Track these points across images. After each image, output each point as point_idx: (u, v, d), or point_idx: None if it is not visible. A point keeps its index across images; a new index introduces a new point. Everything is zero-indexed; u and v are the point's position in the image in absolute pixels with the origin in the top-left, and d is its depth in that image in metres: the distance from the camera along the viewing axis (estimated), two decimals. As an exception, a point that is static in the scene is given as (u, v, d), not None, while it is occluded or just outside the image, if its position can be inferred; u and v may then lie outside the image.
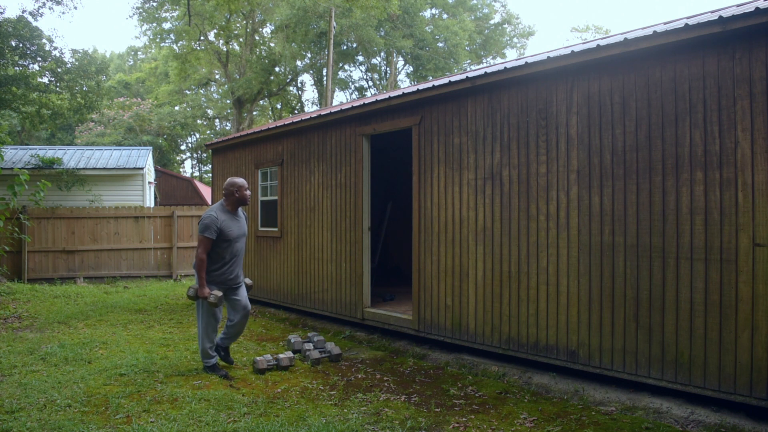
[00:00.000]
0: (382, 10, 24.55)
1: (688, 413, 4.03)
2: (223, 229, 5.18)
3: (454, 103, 5.87)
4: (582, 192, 4.78)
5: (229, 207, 5.34)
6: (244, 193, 5.35)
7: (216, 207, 5.32)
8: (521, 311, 5.19)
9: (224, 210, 5.31)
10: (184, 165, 45.86)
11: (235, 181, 5.33)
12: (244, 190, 5.36)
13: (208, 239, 5.15)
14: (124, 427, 4.01)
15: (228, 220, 5.26)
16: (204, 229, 5.16)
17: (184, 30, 27.59)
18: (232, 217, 5.33)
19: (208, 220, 5.18)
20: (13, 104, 14.98)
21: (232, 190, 5.33)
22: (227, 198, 5.35)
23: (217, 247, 5.21)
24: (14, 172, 10.79)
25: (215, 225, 5.15)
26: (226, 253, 5.25)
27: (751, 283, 3.83)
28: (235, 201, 5.35)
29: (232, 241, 5.26)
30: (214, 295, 5.10)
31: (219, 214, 5.24)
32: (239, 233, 5.35)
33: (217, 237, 5.17)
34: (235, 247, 5.31)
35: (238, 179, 5.36)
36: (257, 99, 33.02)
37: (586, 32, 39.38)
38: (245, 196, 5.36)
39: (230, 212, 5.33)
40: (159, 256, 13.96)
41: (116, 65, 49.02)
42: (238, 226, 5.35)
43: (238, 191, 5.32)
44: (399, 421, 4.12)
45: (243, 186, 5.37)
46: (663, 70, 4.29)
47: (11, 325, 7.97)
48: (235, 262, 5.37)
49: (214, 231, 5.15)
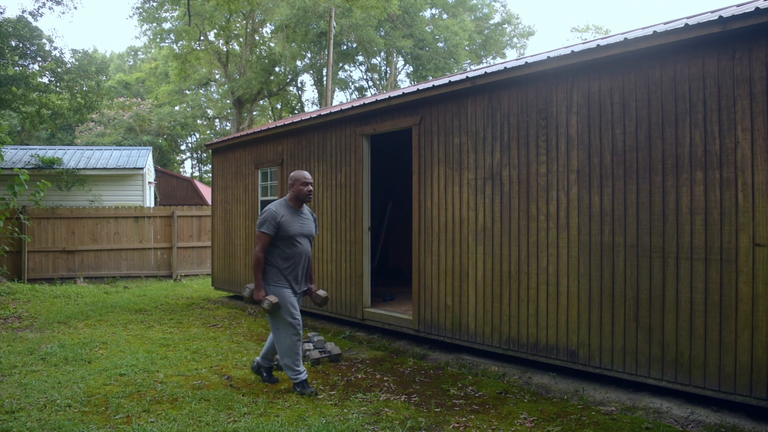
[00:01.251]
0: (382, 10, 24.55)
1: (688, 413, 4.03)
2: (283, 224, 4.71)
3: (454, 103, 5.87)
4: (582, 192, 4.78)
5: (291, 202, 4.87)
6: (300, 187, 4.84)
7: (278, 201, 4.90)
8: (521, 311, 5.19)
9: (287, 205, 4.85)
10: (184, 165, 45.88)
11: (294, 174, 4.89)
12: (300, 184, 4.84)
13: (265, 235, 4.70)
14: (124, 427, 4.01)
15: (289, 216, 4.78)
16: (261, 223, 4.74)
17: (184, 30, 27.59)
18: (295, 213, 4.85)
19: (266, 213, 4.75)
20: (13, 104, 14.99)
21: (290, 183, 4.89)
22: (290, 192, 4.90)
23: (276, 245, 4.76)
24: (14, 172, 10.80)
25: (274, 219, 4.70)
26: (286, 253, 4.77)
27: (751, 283, 3.83)
28: (294, 195, 4.87)
29: (293, 239, 4.76)
30: (268, 300, 4.63)
31: (279, 208, 4.79)
32: (302, 231, 4.83)
33: (276, 233, 4.72)
34: (297, 247, 4.79)
35: (300, 172, 4.90)
36: (257, 99, 33.03)
37: (586, 32, 39.39)
38: (301, 192, 4.84)
39: (293, 208, 4.86)
40: (159, 256, 13.96)
41: (116, 65, 49.02)
42: (301, 223, 4.85)
43: (294, 185, 4.86)
44: (399, 421, 4.12)
45: (299, 179, 4.85)
46: (663, 70, 4.29)
47: (11, 325, 7.97)
48: (298, 264, 4.84)
49: (272, 226, 4.69)
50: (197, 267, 14.32)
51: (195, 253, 14.31)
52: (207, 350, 6.33)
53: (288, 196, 4.90)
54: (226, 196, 10.32)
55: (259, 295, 4.73)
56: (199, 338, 7.00)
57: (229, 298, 10.33)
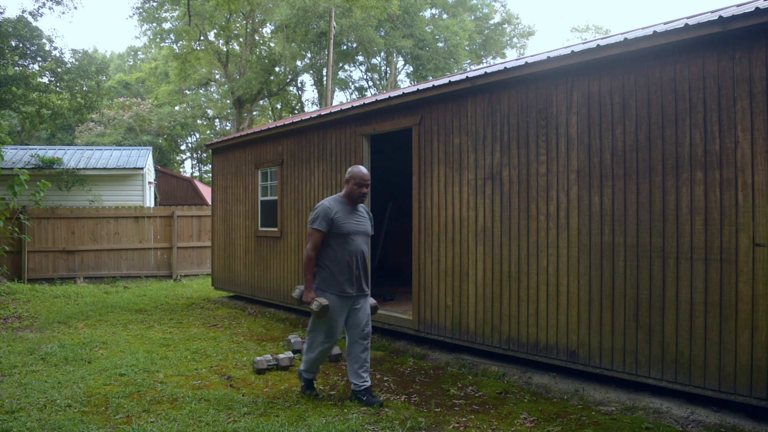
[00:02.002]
0: (382, 10, 24.55)
1: (688, 413, 4.03)
2: (336, 221, 4.42)
3: (454, 103, 5.87)
4: (582, 192, 4.78)
5: (346, 199, 4.56)
6: (354, 187, 4.50)
7: (332, 197, 4.63)
8: (521, 311, 5.19)
9: (341, 201, 4.55)
10: (184, 165, 45.88)
11: (353, 170, 4.54)
12: (355, 183, 4.49)
13: (317, 232, 4.42)
14: (124, 427, 4.01)
15: (343, 213, 4.47)
16: (313, 219, 4.45)
17: (184, 30, 27.59)
18: (350, 210, 4.53)
19: (319, 209, 4.48)
20: (13, 104, 15.00)
21: (347, 178, 4.55)
22: (345, 188, 4.58)
23: (329, 243, 4.46)
24: (14, 172, 10.80)
25: (327, 215, 4.41)
26: (340, 252, 4.45)
27: (751, 283, 3.83)
28: (348, 193, 4.55)
29: (347, 236, 4.44)
30: (317, 302, 4.32)
31: (333, 204, 4.50)
32: (357, 229, 4.51)
33: (329, 231, 4.42)
34: (352, 246, 4.46)
35: (359, 169, 4.53)
36: (257, 99, 33.03)
37: (586, 32, 39.40)
38: (354, 192, 4.51)
39: (348, 205, 4.54)
40: (159, 256, 13.96)
41: (116, 65, 49.02)
42: (356, 221, 4.53)
43: (349, 181, 4.52)
44: (399, 421, 4.12)
45: (355, 178, 4.49)
46: (663, 70, 4.29)
47: (11, 325, 7.97)
48: (354, 265, 4.49)
49: (324, 222, 4.40)
50: (197, 267, 14.32)
51: (195, 253, 14.31)
52: (207, 350, 6.33)
53: (343, 192, 4.59)
54: (226, 196, 10.32)
55: (308, 297, 4.43)
56: (199, 338, 7.01)
57: (229, 298, 10.33)
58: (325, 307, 4.31)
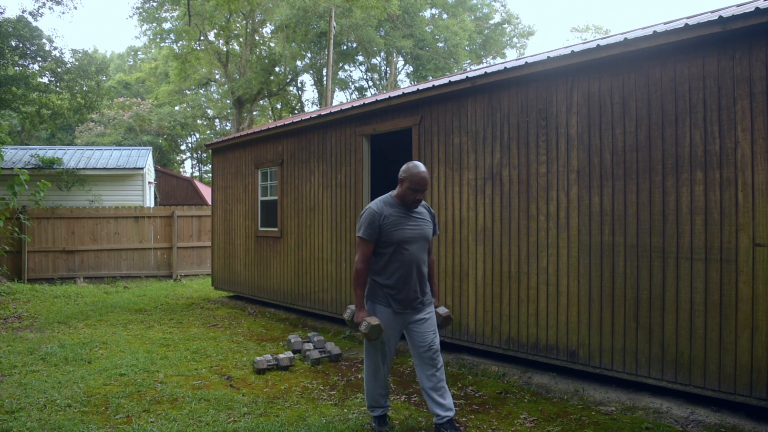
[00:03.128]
0: (382, 10, 24.56)
1: (688, 413, 4.03)
2: (386, 227, 3.69)
3: (454, 103, 5.87)
4: (582, 192, 4.78)
5: (398, 200, 3.80)
6: (406, 190, 3.72)
7: (383, 198, 3.85)
8: (521, 311, 5.19)
9: (392, 203, 3.79)
10: (184, 165, 45.88)
11: (408, 168, 3.75)
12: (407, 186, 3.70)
13: (365, 242, 3.71)
14: (124, 427, 4.01)
15: (395, 216, 3.73)
16: (359, 227, 3.77)
17: (184, 30, 27.60)
18: (404, 212, 3.77)
19: (366, 213, 3.75)
20: (13, 104, 15.00)
21: (401, 178, 3.76)
22: (399, 188, 3.81)
23: (378, 252, 3.76)
24: (14, 172, 10.80)
25: (375, 221, 3.69)
26: (391, 264, 3.72)
27: (751, 283, 3.83)
28: (401, 194, 3.77)
29: (399, 245, 3.69)
30: (366, 322, 3.61)
31: (382, 207, 3.76)
32: (412, 236, 3.74)
33: (378, 239, 3.72)
34: (405, 256, 3.70)
35: (416, 169, 3.71)
36: (257, 99, 33.03)
37: (586, 32, 39.39)
38: (407, 197, 3.73)
39: (401, 206, 3.78)
40: (159, 256, 13.96)
41: (116, 65, 49.02)
42: (411, 225, 3.75)
43: (403, 182, 3.73)
44: (399, 421, 4.12)
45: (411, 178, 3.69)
46: (663, 70, 4.29)
47: (11, 325, 7.97)
48: (410, 275, 3.74)
49: (371, 230, 3.69)
50: (197, 267, 14.32)
51: (195, 253, 14.31)
52: (207, 350, 6.33)
53: (395, 191, 3.83)
54: (226, 196, 10.32)
55: (358, 317, 3.70)
56: (199, 338, 7.01)
57: (229, 298, 10.33)
58: (375, 327, 3.59)
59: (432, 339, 3.79)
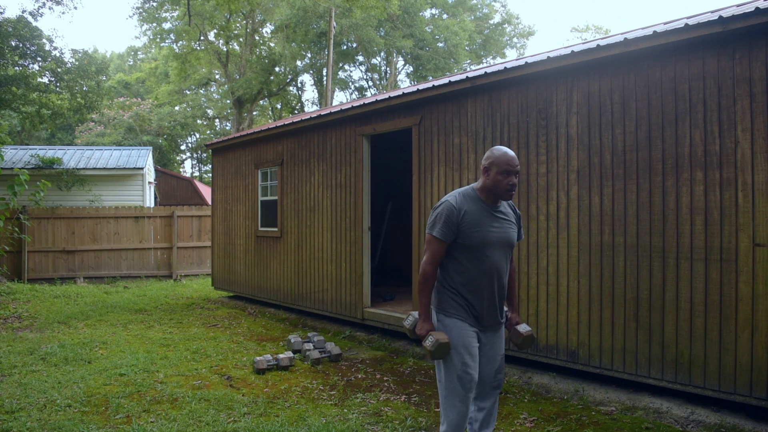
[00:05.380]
0: (382, 10, 24.53)
1: (688, 413, 4.03)
2: (466, 226, 2.97)
3: (454, 103, 5.87)
4: (582, 192, 4.78)
5: (482, 194, 3.05)
6: (498, 177, 2.97)
7: (461, 190, 3.11)
8: (521, 311, 5.19)
9: (474, 197, 3.05)
10: (184, 165, 45.87)
11: (493, 153, 3.03)
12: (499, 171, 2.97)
13: (437, 242, 3.01)
14: (124, 427, 4.01)
15: (477, 213, 3.00)
16: (433, 223, 3.04)
17: (184, 30, 27.59)
18: (486, 210, 3.03)
19: (441, 207, 3.03)
20: (13, 104, 15.00)
21: (485, 166, 3.05)
22: (482, 178, 3.08)
23: (453, 256, 3.04)
24: (14, 172, 10.80)
25: (451, 218, 2.97)
26: (468, 271, 3.02)
27: (751, 283, 3.83)
28: (487, 186, 3.03)
29: (478, 249, 2.98)
30: (432, 338, 2.93)
31: (461, 201, 3.02)
32: (495, 239, 3.02)
33: (455, 239, 3.00)
34: (485, 263, 3.00)
35: (501, 151, 3.01)
36: (257, 99, 33.02)
37: (586, 32, 39.39)
38: (499, 185, 2.98)
39: (484, 202, 3.04)
40: (159, 256, 13.96)
41: (116, 65, 49.01)
42: (495, 227, 3.03)
43: (489, 169, 3.01)
44: (399, 421, 4.12)
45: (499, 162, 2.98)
46: (663, 70, 4.29)
47: (11, 325, 7.97)
48: (487, 289, 3.03)
49: (447, 228, 2.98)
50: (197, 267, 14.32)
51: (195, 253, 14.31)
52: (207, 350, 6.34)
53: (478, 183, 3.10)
54: (226, 196, 10.32)
55: (423, 329, 3.02)
56: (199, 338, 7.01)
57: (229, 298, 10.33)
58: (443, 345, 2.92)
59: (500, 366, 3.19)
